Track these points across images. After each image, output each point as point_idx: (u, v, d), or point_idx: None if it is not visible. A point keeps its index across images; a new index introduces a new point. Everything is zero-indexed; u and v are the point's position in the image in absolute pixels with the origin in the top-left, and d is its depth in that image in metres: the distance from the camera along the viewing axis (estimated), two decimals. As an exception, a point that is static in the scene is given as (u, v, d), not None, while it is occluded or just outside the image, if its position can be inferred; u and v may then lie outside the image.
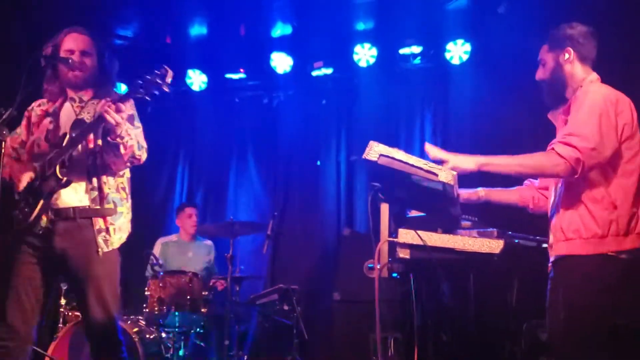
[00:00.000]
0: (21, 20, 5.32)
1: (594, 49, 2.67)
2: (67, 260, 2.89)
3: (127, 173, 3.12)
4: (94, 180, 2.95)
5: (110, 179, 3.01)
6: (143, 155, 3.00)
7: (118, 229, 3.00)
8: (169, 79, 2.80)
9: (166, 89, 2.82)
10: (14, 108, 2.67)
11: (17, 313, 2.80)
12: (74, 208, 2.90)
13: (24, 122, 3.12)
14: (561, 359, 2.48)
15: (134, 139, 2.89)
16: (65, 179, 2.84)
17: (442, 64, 5.89)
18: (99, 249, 2.90)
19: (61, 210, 2.90)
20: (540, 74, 2.74)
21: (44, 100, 3.13)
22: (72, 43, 3.04)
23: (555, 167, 2.45)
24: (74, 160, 2.89)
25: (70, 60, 2.96)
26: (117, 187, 3.04)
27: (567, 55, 2.65)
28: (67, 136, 2.88)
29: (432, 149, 2.62)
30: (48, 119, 3.04)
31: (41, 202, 2.84)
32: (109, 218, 2.97)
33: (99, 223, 2.93)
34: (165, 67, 2.80)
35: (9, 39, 5.29)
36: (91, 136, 2.93)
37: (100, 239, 2.91)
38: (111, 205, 2.98)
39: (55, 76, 3.06)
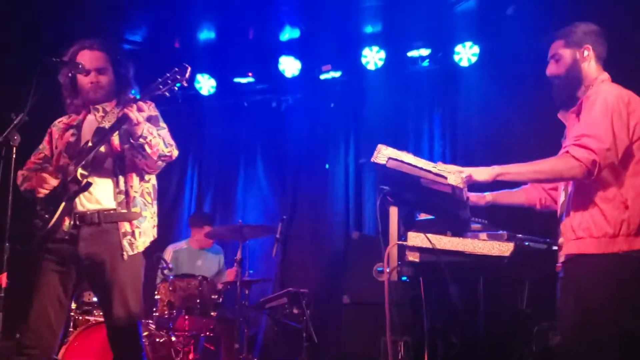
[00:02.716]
0: (31, 27, 5.36)
1: (606, 49, 2.67)
2: (93, 266, 2.91)
3: (152, 179, 3.14)
4: (121, 184, 2.97)
5: (136, 183, 3.03)
6: (174, 152, 3.03)
7: (142, 232, 3.01)
8: (187, 74, 2.85)
9: (185, 84, 2.87)
10: (25, 113, 2.68)
11: (42, 322, 2.83)
12: (98, 212, 2.92)
13: (46, 138, 3.16)
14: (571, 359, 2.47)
15: (157, 137, 2.92)
16: (85, 181, 2.86)
17: (451, 66, 5.87)
18: (124, 252, 2.92)
19: (86, 215, 2.92)
20: (554, 69, 2.70)
21: (66, 115, 3.16)
22: (87, 62, 3.03)
23: (571, 170, 2.44)
24: (100, 165, 2.94)
25: (80, 65, 2.98)
26: (143, 191, 3.07)
27: (586, 53, 2.63)
28: (89, 143, 2.90)
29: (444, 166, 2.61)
30: (70, 132, 3.07)
31: (62, 206, 2.85)
32: (134, 221, 2.99)
33: (125, 226, 2.95)
34: (185, 64, 2.85)
35: (20, 46, 5.33)
36: (116, 141, 2.97)
37: (125, 242, 2.93)
38: (137, 209, 3.00)
39: (75, 90, 3.09)
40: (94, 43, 3.08)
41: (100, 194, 2.95)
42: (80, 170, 2.86)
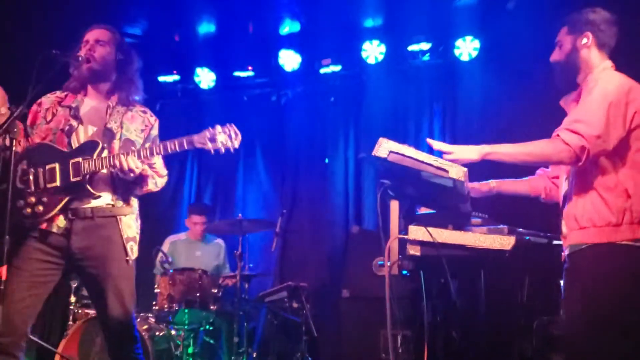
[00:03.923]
0: (30, 20, 5.35)
1: (614, 37, 2.64)
2: (86, 259, 2.89)
3: None
4: (120, 191, 2.99)
5: None
6: (162, 184, 3.15)
7: (137, 241, 3.07)
8: (236, 142, 2.93)
9: (232, 150, 2.94)
10: (24, 106, 2.66)
11: (17, 308, 2.77)
12: (92, 207, 2.91)
13: (32, 108, 3.07)
14: (576, 350, 2.46)
15: (153, 184, 3.04)
16: (98, 195, 2.90)
17: (451, 61, 5.87)
18: (128, 258, 2.95)
19: (79, 210, 2.90)
20: (556, 56, 2.71)
21: (59, 91, 3.12)
22: (90, 35, 3.06)
23: (559, 154, 2.44)
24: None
25: (80, 57, 2.97)
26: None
27: (585, 40, 2.62)
28: (100, 147, 2.89)
29: (434, 142, 2.60)
30: (66, 110, 3.02)
31: (60, 205, 2.84)
32: (134, 227, 3.02)
33: (127, 232, 2.97)
34: (235, 129, 2.94)
35: (18, 40, 5.31)
36: (117, 147, 2.98)
37: (129, 248, 2.96)
38: (134, 208, 3.05)
39: (77, 71, 3.07)
40: (105, 25, 3.12)
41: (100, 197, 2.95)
42: (88, 181, 2.87)
